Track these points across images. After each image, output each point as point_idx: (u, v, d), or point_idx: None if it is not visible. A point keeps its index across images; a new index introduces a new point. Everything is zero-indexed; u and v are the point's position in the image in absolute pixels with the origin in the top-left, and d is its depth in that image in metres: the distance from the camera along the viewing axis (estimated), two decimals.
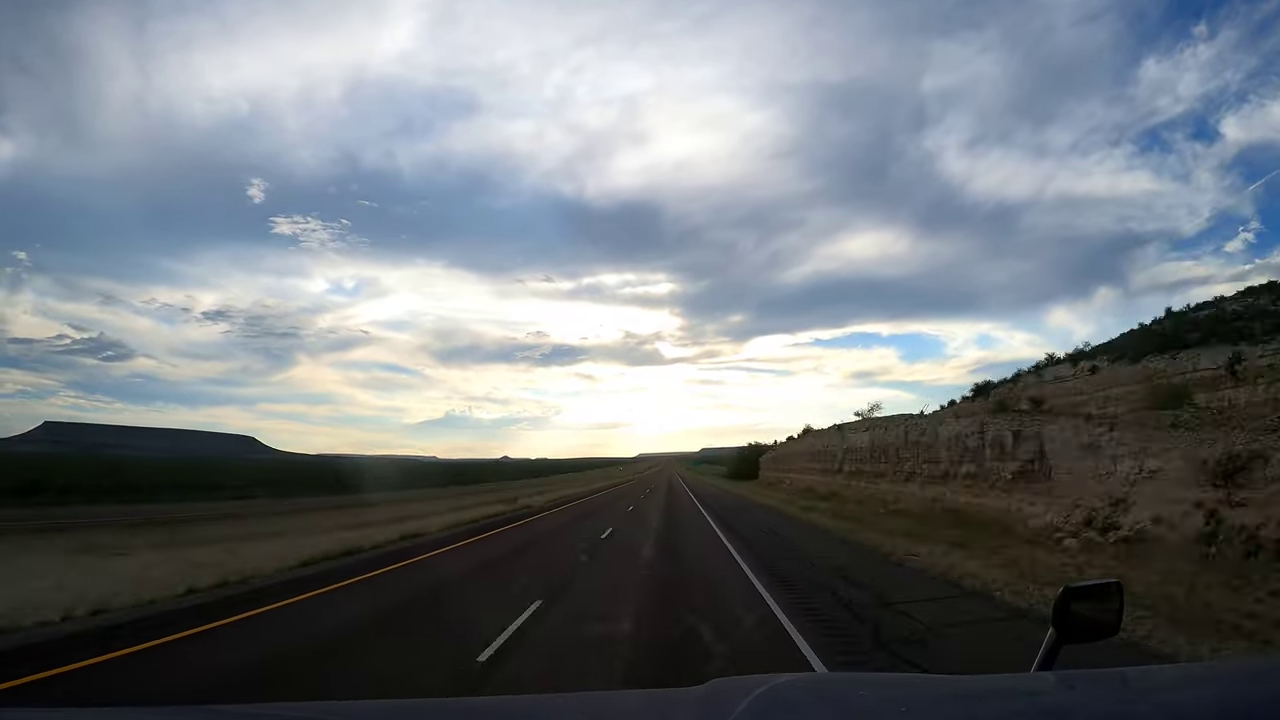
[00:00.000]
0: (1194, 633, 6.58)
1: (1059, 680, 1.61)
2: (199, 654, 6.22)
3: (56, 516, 20.56)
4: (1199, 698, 1.29)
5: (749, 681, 1.58)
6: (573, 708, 1.68)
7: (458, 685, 5.26)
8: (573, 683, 5.45)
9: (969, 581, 9.83)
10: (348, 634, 7.09)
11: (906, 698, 1.46)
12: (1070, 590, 1.79)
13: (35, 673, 5.38)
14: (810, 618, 7.56)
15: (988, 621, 7.45)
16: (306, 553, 12.12)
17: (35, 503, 27.81)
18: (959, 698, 1.45)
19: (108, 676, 5.45)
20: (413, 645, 6.68)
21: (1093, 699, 1.36)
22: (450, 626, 7.53)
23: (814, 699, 1.51)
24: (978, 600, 8.68)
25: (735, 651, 6.12)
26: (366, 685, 5.22)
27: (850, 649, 6.29)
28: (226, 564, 10.45)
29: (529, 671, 5.64)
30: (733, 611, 7.96)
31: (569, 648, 6.54)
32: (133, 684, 5.26)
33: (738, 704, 1.32)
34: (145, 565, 10.40)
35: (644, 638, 6.73)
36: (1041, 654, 1.74)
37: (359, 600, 8.96)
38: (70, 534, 15.52)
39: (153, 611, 7.63)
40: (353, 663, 6.03)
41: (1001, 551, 12.51)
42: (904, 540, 14.81)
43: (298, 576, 10.38)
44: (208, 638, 6.78)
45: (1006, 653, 6.11)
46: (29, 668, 5.50)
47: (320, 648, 6.50)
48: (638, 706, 1.66)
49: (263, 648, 6.43)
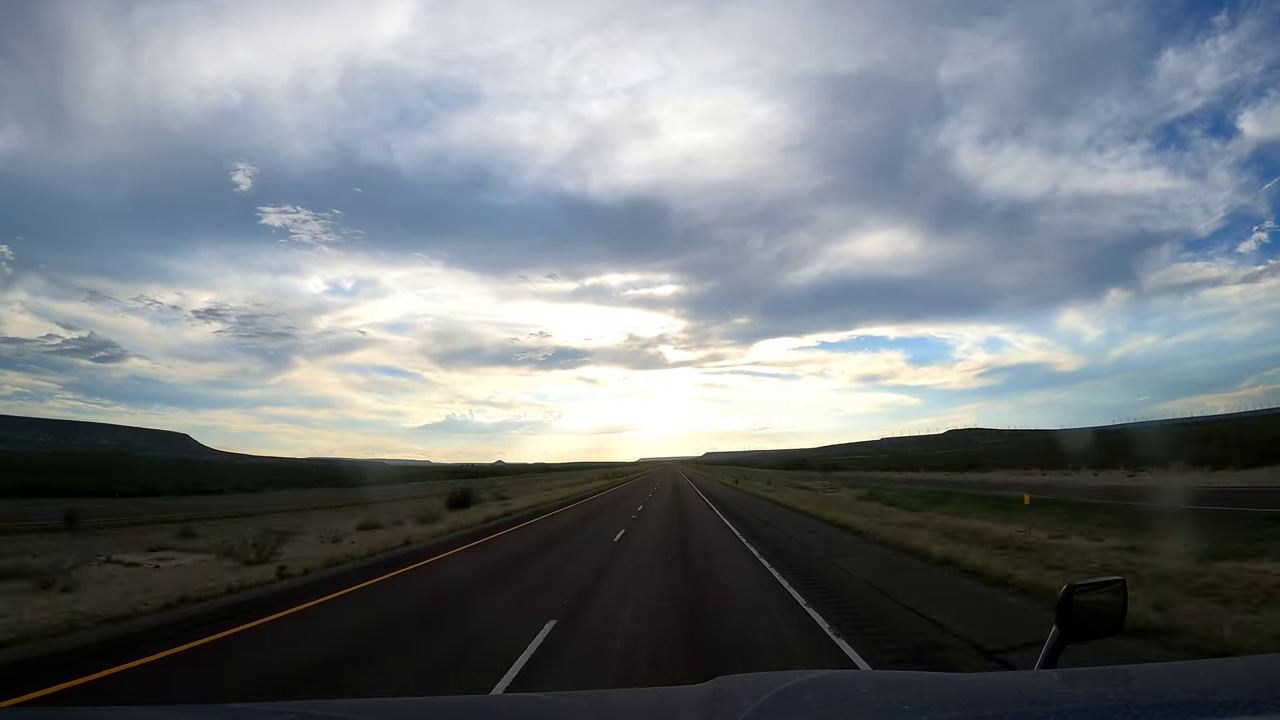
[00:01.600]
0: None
1: (1062, 678, 1.61)
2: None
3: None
4: (1202, 695, 1.29)
5: (754, 679, 1.58)
6: (577, 706, 1.68)
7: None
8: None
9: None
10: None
11: (911, 696, 1.46)
12: (1074, 588, 1.79)
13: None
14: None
15: None
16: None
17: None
18: (964, 696, 1.46)
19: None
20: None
21: (1096, 697, 1.36)
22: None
23: (819, 697, 1.52)
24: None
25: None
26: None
27: None
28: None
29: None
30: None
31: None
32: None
33: (744, 703, 1.32)
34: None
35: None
36: (1045, 652, 1.75)
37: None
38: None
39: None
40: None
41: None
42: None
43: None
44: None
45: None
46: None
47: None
48: (642, 705, 1.67)
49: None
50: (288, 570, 12.03)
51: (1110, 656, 3.01)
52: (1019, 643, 6.62)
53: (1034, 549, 12.96)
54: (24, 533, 19.85)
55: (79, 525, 21.32)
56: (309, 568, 12.56)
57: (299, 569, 12.29)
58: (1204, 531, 13.07)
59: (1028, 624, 7.34)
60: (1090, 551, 12.80)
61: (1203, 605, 7.49)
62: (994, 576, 10.08)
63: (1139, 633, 6.35)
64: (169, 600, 9.24)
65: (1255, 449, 41.86)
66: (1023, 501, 22.84)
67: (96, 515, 25.40)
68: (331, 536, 17.68)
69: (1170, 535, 13.29)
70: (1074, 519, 19.15)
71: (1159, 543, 12.75)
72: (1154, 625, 6.64)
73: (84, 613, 8.33)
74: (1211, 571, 9.46)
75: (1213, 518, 16.36)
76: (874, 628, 7.56)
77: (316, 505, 34.77)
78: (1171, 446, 51.14)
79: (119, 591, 9.97)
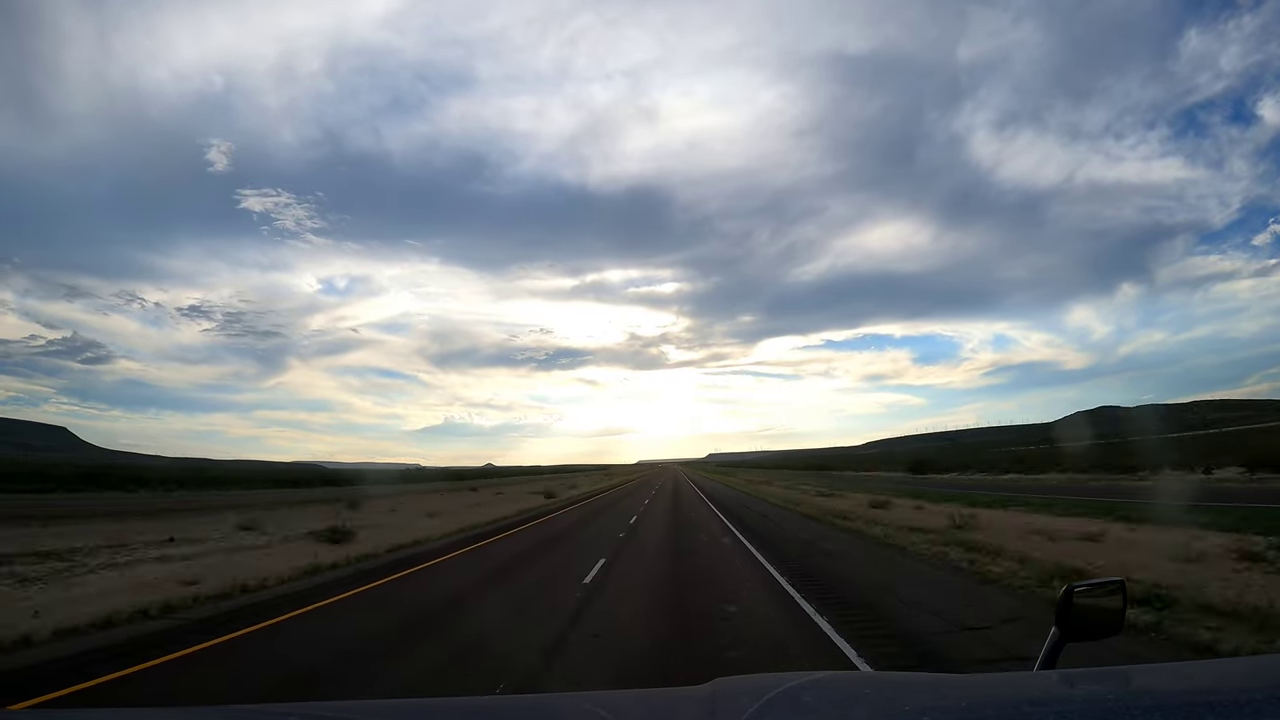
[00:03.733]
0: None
1: (1062, 679, 1.61)
2: None
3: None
4: (1202, 696, 1.29)
5: (753, 680, 1.58)
6: (577, 707, 1.69)
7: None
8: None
9: None
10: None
11: (911, 697, 1.47)
12: (1073, 588, 1.79)
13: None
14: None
15: None
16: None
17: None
18: (963, 696, 1.46)
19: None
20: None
21: (1096, 697, 1.36)
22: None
23: (818, 698, 1.52)
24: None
25: None
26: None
27: None
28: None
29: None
30: None
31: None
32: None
33: (744, 704, 1.33)
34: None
35: None
36: (1044, 652, 1.75)
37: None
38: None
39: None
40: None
41: None
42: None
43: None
44: None
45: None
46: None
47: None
48: (642, 706, 1.67)
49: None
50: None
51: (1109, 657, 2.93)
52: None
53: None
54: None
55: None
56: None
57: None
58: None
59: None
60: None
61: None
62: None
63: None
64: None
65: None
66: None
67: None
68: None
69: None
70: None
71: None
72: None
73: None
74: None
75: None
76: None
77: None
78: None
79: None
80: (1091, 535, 13.44)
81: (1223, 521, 13.89)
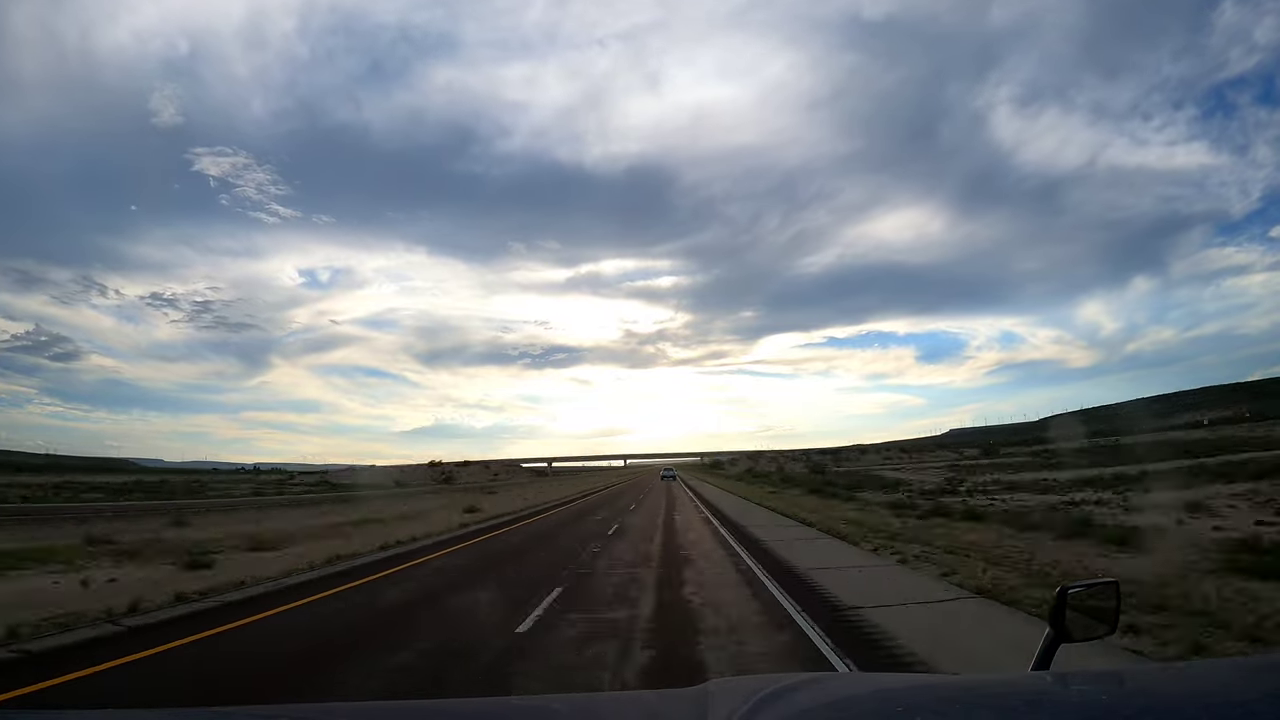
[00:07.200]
0: None
1: (1055, 680, 1.61)
2: None
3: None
4: (1196, 696, 1.29)
5: (745, 682, 1.58)
6: (564, 709, 1.68)
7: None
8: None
9: None
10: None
11: (904, 698, 1.46)
12: (1067, 589, 1.79)
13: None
14: None
15: None
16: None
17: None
18: (957, 697, 1.45)
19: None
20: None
21: (1090, 698, 1.36)
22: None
23: (810, 699, 1.51)
24: None
25: None
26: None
27: None
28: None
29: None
30: None
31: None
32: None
33: (735, 706, 1.32)
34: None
35: None
36: (1039, 653, 1.74)
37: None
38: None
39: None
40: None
41: None
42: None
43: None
44: None
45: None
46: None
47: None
48: (632, 708, 1.66)
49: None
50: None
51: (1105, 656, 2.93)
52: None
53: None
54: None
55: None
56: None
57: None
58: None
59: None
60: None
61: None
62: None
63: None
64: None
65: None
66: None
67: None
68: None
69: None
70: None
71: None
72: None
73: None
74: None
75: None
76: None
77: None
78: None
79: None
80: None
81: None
